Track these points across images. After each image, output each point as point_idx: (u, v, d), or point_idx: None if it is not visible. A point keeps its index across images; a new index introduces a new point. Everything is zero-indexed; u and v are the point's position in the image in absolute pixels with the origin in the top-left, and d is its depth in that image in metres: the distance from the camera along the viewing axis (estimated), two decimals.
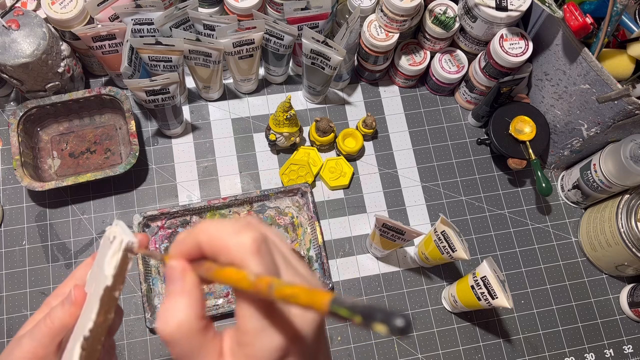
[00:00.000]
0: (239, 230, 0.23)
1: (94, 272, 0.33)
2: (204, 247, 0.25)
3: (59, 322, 0.32)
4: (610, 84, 0.60)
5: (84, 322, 0.30)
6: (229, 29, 0.66)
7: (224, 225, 0.24)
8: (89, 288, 0.33)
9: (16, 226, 0.71)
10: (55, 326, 0.32)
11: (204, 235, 0.24)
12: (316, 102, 0.81)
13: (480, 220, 0.76)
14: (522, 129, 0.72)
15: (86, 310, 0.31)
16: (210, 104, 0.79)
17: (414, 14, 0.70)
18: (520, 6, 0.67)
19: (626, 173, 0.65)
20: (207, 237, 0.24)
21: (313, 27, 0.68)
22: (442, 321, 0.71)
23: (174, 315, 0.24)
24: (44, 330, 0.32)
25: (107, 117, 0.76)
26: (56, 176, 0.73)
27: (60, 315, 0.32)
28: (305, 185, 0.72)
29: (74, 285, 0.33)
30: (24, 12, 0.65)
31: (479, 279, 0.61)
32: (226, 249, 0.23)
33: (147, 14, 0.66)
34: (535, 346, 0.71)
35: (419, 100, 0.82)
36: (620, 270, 0.71)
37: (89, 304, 0.31)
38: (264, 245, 0.23)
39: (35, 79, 0.67)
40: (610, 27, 0.59)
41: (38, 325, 0.33)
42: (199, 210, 0.71)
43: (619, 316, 0.73)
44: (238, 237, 0.23)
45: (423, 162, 0.78)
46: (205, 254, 0.25)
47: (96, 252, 0.35)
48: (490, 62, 0.70)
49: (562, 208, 0.78)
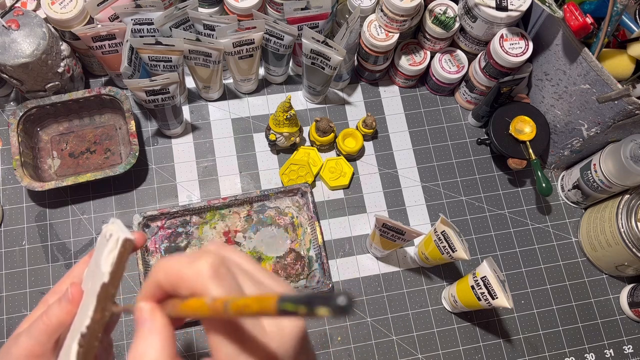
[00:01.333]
0: (194, 260, 0.23)
1: (90, 270, 0.33)
2: (163, 284, 0.24)
3: (56, 320, 0.32)
4: (611, 84, 0.60)
5: (81, 319, 0.30)
6: (229, 29, 0.66)
7: (179, 258, 0.24)
8: (86, 286, 0.33)
9: (16, 226, 0.71)
10: (52, 323, 0.32)
11: (160, 272, 0.24)
12: (316, 102, 0.81)
13: (480, 220, 0.76)
14: (522, 129, 0.72)
15: (83, 308, 0.31)
16: (210, 104, 0.79)
17: (414, 14, 0.70)
18: (520, 6, 0.67)
19: (626, 173, 0.65)
20: (163, 274, 0.24)
21: (313, 27, 0.68)
22: (442, 321, 0.71)
23: (145, 356, 0.23)
24: (41, 327, 0.32)
25: (107, 117, 0.76)
26: (56, 176, 0.73)
27: (57, 313, 0.32)
28: (305, 185, 0.72)
29: (71, 283, 0.33)
30: (24, 12, 0.65)
31: (479, 279, 0.61)
32: (183, 280, 0.23)
33: (147, 14, 0.66)
34: (535, 346, 0.71)
35: (419, 100, 0.82)
36: (620, 270, 0.71)
37: (86, 301, 0.31)
38: (222, 267, 0.23)
39: (35, 79, 0.67)
40: (610, 27, 0.59)
41: (35, 323, 0.33)
42: (199, 210, 0.71)
43: (619, 316, 0.73)
44: (193, 266, 0.23)
45: (423, 162, 0.78)
46: (167, 291, 0.25)
47: (93, 249, 0.35)
48: (490, 62, 0.70)
49: (562, 208, 0.78)
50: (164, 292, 0.25)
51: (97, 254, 0.32)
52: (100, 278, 0.28)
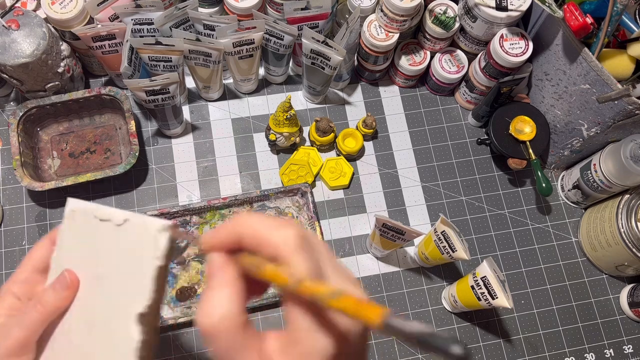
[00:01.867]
0: (281, 226, 0.23)
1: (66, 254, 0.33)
2: (245, 239, 0.24)
3: (52, 307, 0.32)
4: (611, 84, 0.60)
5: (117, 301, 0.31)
6: (229, 29, 0.66)
7: (266, 219, 0.24)
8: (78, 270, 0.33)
9: (16, 226, 0.71)
10: (47, 311, 0.32)
11: (247, 228, 0.24)
12: (316, 102, 0.81)
13: (480, 220, 0.76)
14: (522, 129, 0.72)
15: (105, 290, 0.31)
16: (210, 104, 0.79)
17: (414, 14, 0.70)
18: (520, 6, 0.67)
19: (626, 173, 0.65)
20: (250, 230, 0.24)
21: (313, 27, 0.68)
22: (442, 321, 0.71)
23: (216, 308, 0.23)
24: (34, 316, 0.32)
25: (107, 117, 0.76)
26: (56, 176, 0.73)
27: (53, 300, 0.32)
28: (305, 185, 0.72)
29: (66, 269, 0.33)
30: (24, 12, 0.65)
31: (479, 279, 0.61)
32: (268, 243, 0.23)
33: (147, 14, 0.66)
34: (535, 346, 0.71)
35: (419, 100, 0.82)
36: (620, 270, 0.71)
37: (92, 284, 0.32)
38: (306, 242, 0.23)
39: (35, 79, 0.67)
40: (610, 27, 0.59)
41: (27, 313, 0.32)
42: (199, 210, 0.71)
43: (619, 316, 0.73)
44: (281, 232, 0.23)
45: (423, 162, 0.78)
46: (244, 246, 0.25)
47: (53, 232, 0.34)
48: (490, 62, 0.70)
49: (562, 208, 0.78)
50: (238, 245, 0.25)
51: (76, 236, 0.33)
52: (152, 262, 0.29)
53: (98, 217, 0.32)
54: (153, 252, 0.29)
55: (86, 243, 0.33)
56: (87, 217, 0.33)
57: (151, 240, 0.30)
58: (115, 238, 0.31)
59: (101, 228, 0.32)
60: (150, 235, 0.30)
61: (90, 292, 0.32)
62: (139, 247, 0.30)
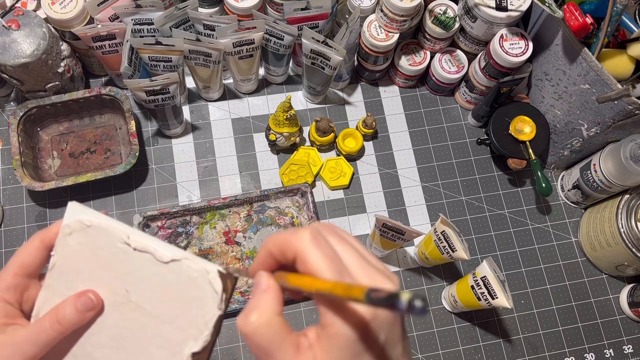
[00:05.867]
0: (298, 229, 0.27)
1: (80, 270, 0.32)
2: (272, 251, 0.28)
3: (71, 327, 0.31)
4: (610, 84, 0.60)
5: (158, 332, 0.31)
6: (229, 29, 0.66)
7: (287, 230, 0.28)
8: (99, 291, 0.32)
9: (16, 226, 0.71)
10: (65, 330, 0.31)
11: (270, 242, 0.28)
12: (316, 102, 0.81)
13: (480, 220, 0.76)
14: (522, 129, 0.72)
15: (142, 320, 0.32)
16: (210, 104, 0.79)
17: (414, 14, 0.70)
18: (520, 6, 0.67)
19: (626, 173, 0.65)
20: (272, 242, 0.28)
21: (313, 27, 0.68)
22: (442, 321, 0.71)
23: (258, 309, 0.26)
24: (51, 335, 0.31)
25: (107, 117, 0.76)
26: (56, 176, 0.73)
27: (74, 320, 0.31)
28: (305, 185, 0.72)
29: (90, 290, 0.32)
30: (24, 12, 0.65)
31: (479, 279, 0.61)
32: (288, 244, 0.27)
33: (147, 14, 0.66)
34: (535, 346, 0.71)
35: (419, 100, 0.82)
36: (620, 270, 0.71)
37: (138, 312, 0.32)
38: (320, 235, 0.27)
39: (35, 79, 0.67)
40: (610, 27, 0.59)
41: (41, 330, 0.31)
42: (199, 210, 0.71)
43: (619, 316, 0.73)
44: (297, 234, 0.27)
45: (423, 162, 0.79)
46: (276, 259, 0.28)
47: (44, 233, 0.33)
48: (490, 62, 0.70)
49: (562, 208, 0.78)
50: (274, 260, 0.29)
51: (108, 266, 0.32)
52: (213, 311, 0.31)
53: (131, 246, 0.31)
54: (212, 298, 0.31)
55: (108, 264, 0.32)
56: (110, 239, 0.32)
57: (207, 285, 0.31)
58: (154, 269, 0.31)
59: (134, 255, 0.31)
60: (205, 279, 0.31)
61: (119, 317, 0.32)
62: (192, 288, 0.31)
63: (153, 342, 0.31)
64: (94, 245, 0.32)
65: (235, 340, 0.68)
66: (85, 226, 0.32)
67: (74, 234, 0.32)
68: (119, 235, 0.31)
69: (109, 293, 0.32)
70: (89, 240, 0.32)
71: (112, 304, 0.32)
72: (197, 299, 0.31)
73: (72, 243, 0.32)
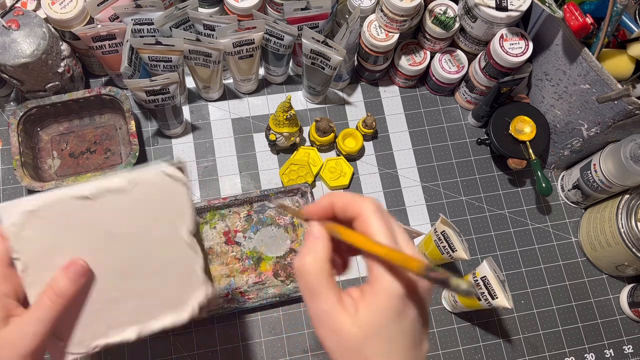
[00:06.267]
0: (365, 197, 0.31)
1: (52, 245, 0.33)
2: (337, 205, 0.31)
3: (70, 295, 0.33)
4: (610, 84, 0.60)
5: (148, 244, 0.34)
6: (229, 29, 0.66)
7: (351, 193, 0.31)
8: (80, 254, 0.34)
9: None
10: (65, 301, 0.33)
11: (338, 197, 0.31)
12: (316, 102, 0.81)
13: (480, 220, 0.76)
14: (522, 129, 0.72)
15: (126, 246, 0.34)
16: (210, 104, 0.79)
17: (414, 14, 0.70)
18: (520, 6, 0.67)
19: (626, 173, 0.65)
20: (341, 198, 0.31)
21: (313, 27, 0.68)
22: (442, 321, 0.71)
23: (313, 253, 0.30)
24: (55, 308, 0.33)
25: (107, 117, 0.76)
26: (56, 176, 0.73)
27: (71, 289, 0.33)
28: (305, 185, 0.72)
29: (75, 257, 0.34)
30: (24, 12, 0.65)
31: (479, 279, 0.61)
32: (354, 207, 0.30)
33: (147, 14, 0.66)
34: (535, 346, 0.71)
35: (419, 100, 0.82)
36: (620, 271, 0.71)
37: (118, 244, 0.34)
38: (381, 208, 0.31)
39: (35, 79, 0.67)
40: (610, 27, 0.59)
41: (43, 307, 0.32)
42: (199, 210, 0.70)
43: (619, 316, 0.73)
44: (364, 200, 0.30)
45: (423, 162, 0.79)
46: (336, 211, 0.31)
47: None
48: (490, 62, 0.70)
49: (562, 208, 0.78)
50: (331, 212, 0.31)
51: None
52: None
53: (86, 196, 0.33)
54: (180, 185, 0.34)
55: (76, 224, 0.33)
56: (63, 204, 0.33)
57: (168, 180, 0.34)
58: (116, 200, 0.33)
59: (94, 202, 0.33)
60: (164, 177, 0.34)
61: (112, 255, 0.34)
62: (159, 191, 0.34)
63: (153, 250, 0.34)
64: (53, 217, 0.33)
65: (236, 340, 0.68)
66: (30, 212, 0.33)
67: (26, 225, 0.33)
68: (69, 195, 0.33)
69: (92, 243, 0.34)
70: (46, 217, 0.33)
71: (99, 249, 0.34)
72: (169, 195, 0.33)
73: (30, 233, 0.33)
